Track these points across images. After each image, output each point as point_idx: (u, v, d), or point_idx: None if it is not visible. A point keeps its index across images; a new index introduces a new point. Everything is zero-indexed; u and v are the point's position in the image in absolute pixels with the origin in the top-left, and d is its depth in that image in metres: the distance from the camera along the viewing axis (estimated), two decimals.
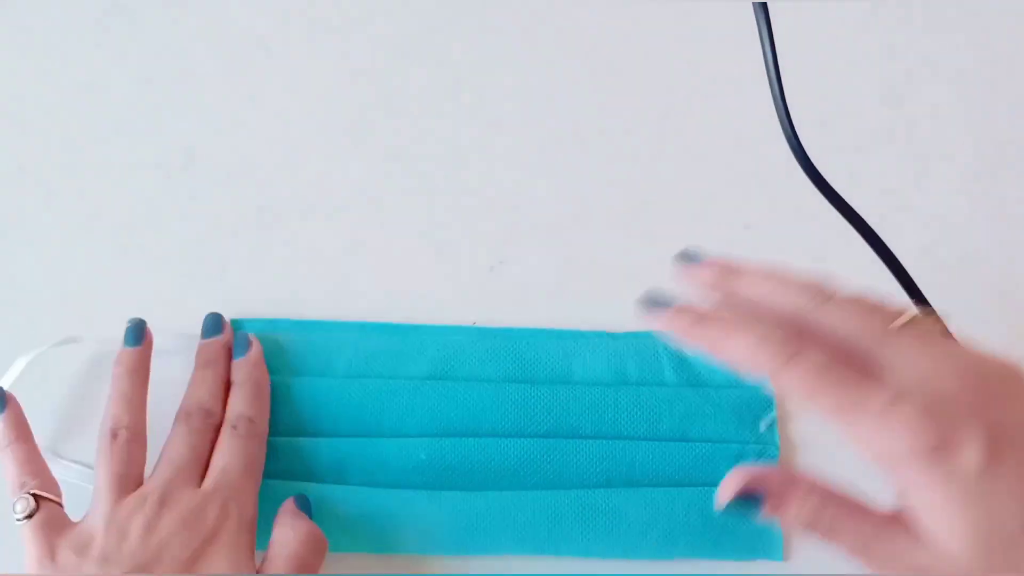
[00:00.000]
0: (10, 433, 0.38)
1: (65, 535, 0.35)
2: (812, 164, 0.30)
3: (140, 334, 0.40)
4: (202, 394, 0.40)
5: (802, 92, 0.34)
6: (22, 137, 0.48)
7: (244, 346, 0.41)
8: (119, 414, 0.38)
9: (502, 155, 0.48)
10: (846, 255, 0.45)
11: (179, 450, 0.38)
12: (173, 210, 0.47)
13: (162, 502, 0.36)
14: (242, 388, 0.40)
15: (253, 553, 0.37)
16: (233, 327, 0.43)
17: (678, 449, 0.41)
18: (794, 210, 0.46)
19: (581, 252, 0.46)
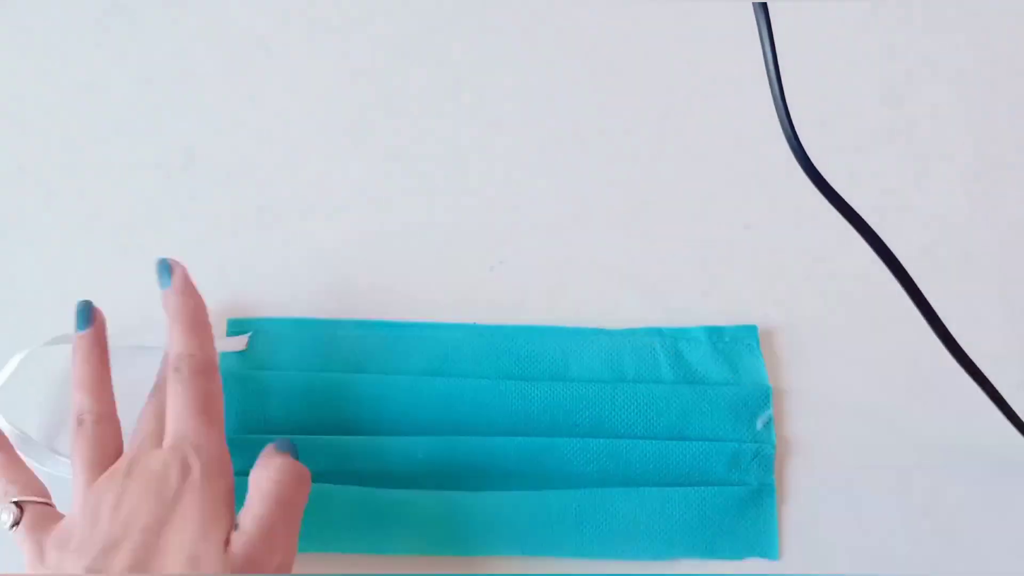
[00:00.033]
0: None
1: (51, 533, 0.34)
2: (812, 164, 0.30)
3: (89, 316, 0.39)
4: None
5: (802, 92, 0.34)
6: (22, 137, 0.48)
7: (166, 274, 0.39)
8: (80, 400, 0.37)
9: (502, 155, 0.48)
10: (846, 255, 0.46)
11: (147, 417, 0.37)
12: (173, 210, 0.47)
13: (128, 473, 0.35)
14: (175, 324, 0.38)
15: (231, 495, 0.35)
16: (233, 327, 0.43)
17: (674, 448, 0.41)
18: (794, 210, 0.47)
19: (581, 252, 0.46)
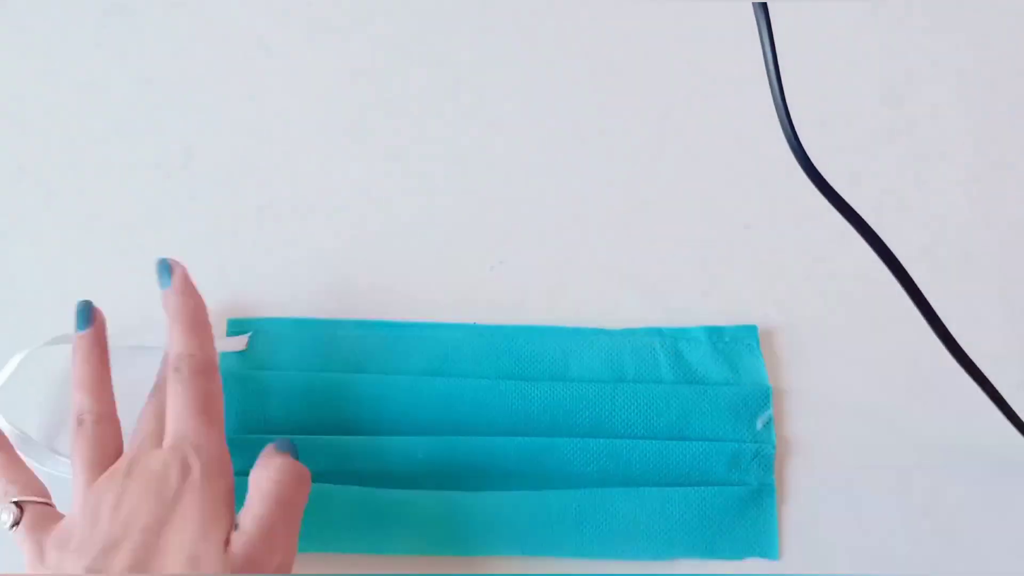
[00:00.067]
0: None
1: (51, 533, 0.34)
2: (812, 164, 0.30)
3: (89, 316, 0.39)
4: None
5: (802, 92, 0.34)
6: (22, 137, 0.48)
7: (166, 274, 0.39)
8: (80, 400, 0.37)
9: (502, 155, 0.48)
10: (846, 255, 0.46)
11: (147, 417, 0.37)
12: (173, 210, 0.47)
13: (128, 472, 0.35)
14: (175, 324, 0.38)
15: (231, 495, 0.35)
16: (233, 327, 0.43)
17: (674, 448, 0.41)
18: (794, 210, 0.47)
19: (581, 252, 0.46)
